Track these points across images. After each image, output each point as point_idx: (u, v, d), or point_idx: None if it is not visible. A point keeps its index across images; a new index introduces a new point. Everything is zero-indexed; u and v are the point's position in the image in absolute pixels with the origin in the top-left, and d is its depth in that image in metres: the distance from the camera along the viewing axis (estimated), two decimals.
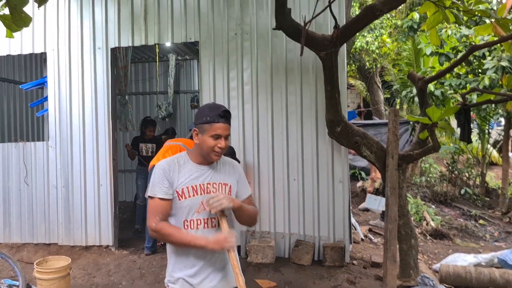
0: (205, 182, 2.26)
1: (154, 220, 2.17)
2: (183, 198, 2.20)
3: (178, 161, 2.27)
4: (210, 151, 2.20)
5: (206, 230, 2.23)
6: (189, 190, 2.21)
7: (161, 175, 2.21)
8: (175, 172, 2.22)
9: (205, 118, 2.21)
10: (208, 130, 2.19)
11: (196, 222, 2.22)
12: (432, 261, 6.01)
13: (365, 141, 4.70)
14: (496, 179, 11.09)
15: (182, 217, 2.22)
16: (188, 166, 2.26)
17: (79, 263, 5.62)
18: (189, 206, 2.21)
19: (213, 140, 2.19)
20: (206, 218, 2.24)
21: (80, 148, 5.98)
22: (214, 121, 2.18)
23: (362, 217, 8.35)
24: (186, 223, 2.22)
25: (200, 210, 2.22)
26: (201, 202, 2.22)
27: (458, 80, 7.04)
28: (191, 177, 2.24)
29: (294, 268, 5.20)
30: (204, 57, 5.71)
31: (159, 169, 2.23)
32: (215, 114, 2.19)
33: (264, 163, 5.56)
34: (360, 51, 11.17)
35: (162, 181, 2.19)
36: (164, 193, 2.19)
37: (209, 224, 2.24)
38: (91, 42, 5.99)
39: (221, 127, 2.19)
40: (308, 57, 5.31)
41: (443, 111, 4.13)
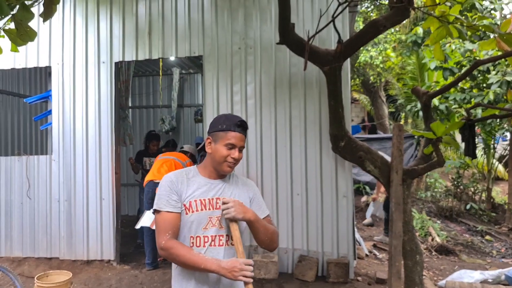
0: (215, 196, 2.12)
1: (164, 238, 2.00)
2: (190, 212, 2.06)
3: (187, 174, 2.15)
4: (223, 161, 2.09)
5: (213, 248, 2.08)
6: (197, 204, 2.07)
7: (168, 188, 2.07)
8: (183, 184, 2.09)
9: (221, 126, 2.11)
10: (222, 138, 2.08)
11: (203, 239, 2.07)
12: (437, 277, 5.92)
13: (369, 156, 4.65)
14: (502, 194, 11.00)
15: (188, 233, 2.07)
16: (197, 179, 2.14)
17: (81, 278, 5.57)
18: (196, 221, 2.06)
19: (226, 150, 2.07)
20: (214, 235, 2.09)
21: (83, 162, 5.98)
22: (230, 129, 2.08)
23: (367, 232, 8.27)
24: (192, 239, 2.07)
25: (209, 227, 2.08)
26: (209, 218, 2.08)
27: (463, 95, 7.01)
28: (200, 191, 2.10)
29: (297, 284, 5.13)
30: (208, 71, 5.72)
31: (166, 181, 2.10)
32: (231, 123, 2.10)
33: (267, 177, 5.52)
34: (364, 65, 11.18)
35: (170, 194, 2.06)
36: (173, 206, 2.05)
37: (216, 241, 2.09)
38: (95, 56, 6.03)
39: (237, 136, 2.08)
40: (311, 72, 5.31)
41: (447, 126, 4.08)
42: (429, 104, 4.83)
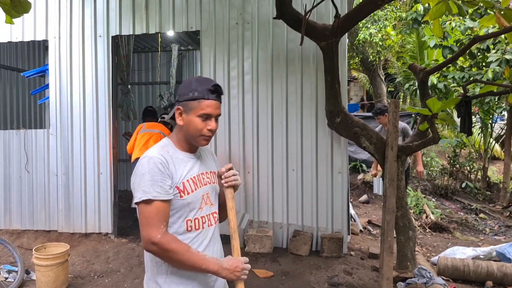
0: (200, 172, 1.90)
1: (159, 231, 1.71)
2: (186, 194, 1.80)
3: (168, 151, 1.83)
4: (198, 134, 1.81)
5: (209, 228, 1.90)
6: (190, 184, 1.82)
7: (161, 171, 1.74)
8: (171, 164, 1.79)
9: (192, 93, 1.79)
10: (195, 108, 1.78)
11: (201, 220, 1.86)
12: (431, 253, 6.01)
13: (365, 132, 4.68)
14: (498, 173, 11.06)
15: (184, 217, 1.82)
16: (179, 155, 1.86)
17: (78, 250, 5.65)
18: (192, 203, 1.83)
19: (201, 121, 1.79)
20: (208, 214, 1.90)
21: (81, 136, 5.99)
22: (203, 97, 1.78)
23: (362, 209, 8.35)
24: (189, 223, 1.83)
25: (203, 206, 1.87)
26: (202, 196, 1.86)
27: (462, 73, 6.99)
28: (186, 168, 1.84)
29: (291, 258, 5.21)
30: (205, 46, 5.69)
31: (154, 163, 1.75)
32: (204, 88, 1.79)
33: (263, 153, 5.55)
34: (364, 43, 11.10)
35: (163, 179, 1.74)
36: (167, 193, 1.75)
37: (212, 220, 1.92)
38: (92, 30, 5.98)
39: (212, 104, 1.79)
40: (309, 47, 5.29)
41: (443, 103, 4.10)
42: (426, 81, 4.84)
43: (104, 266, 5.25)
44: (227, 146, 5.63)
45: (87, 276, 5.01)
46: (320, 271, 4.86)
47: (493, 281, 4.81)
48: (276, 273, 4.82)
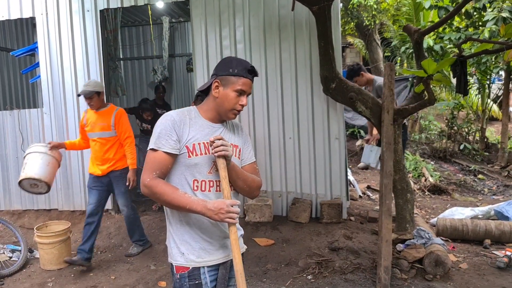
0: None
1: (149, 175, 1.91)
2: (194, 155, 1.96)
3: (189, 114, 2.03)
4: (230, 108, 1.99)
5: (219, 193, 1.99)
6: (201, 147, 1.97)
7: (170, 127, 1.94)
8: (186, 126, 1.97)
9: (232, 70, 1.97)
10: (233, 83, 1.97)
11: (208, 183, 1.99)
12: (430, 215, 6.07)
13: (360, 97, 4.63)
14: (496, 134, 11.07)
15: (191, 176, 1.98)
16: (199, 121, 2.03)
17: (80, 227, 5.66)
18: (199, 165, 1.97)
19: (236, 96, 1.97)
20: (218, 180, 1.99)
21: (75, 114, 5.94)
22: (242, 75, 1.97)
23: (361, 175, 8.38)
24: (196, 183, 1.98)
25: (213, 171, 1.99)
26: (213, 162, 1.98)
27: (458, 34, 6.85)
28: (202, 133, 2.00)
29: (291, 225, 5.25)
30: (195, 16, 5.57)
31: (167, 120, 1.96)
32: (244, 67, 1.99)
33: (259, 122, 5.52)
34: (358, 7, 10.89)
35: (170, 133, 1.93)
36: (171, 147, 1.93)
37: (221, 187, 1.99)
38: (79, 4, 5.85)
39: (248, 83, 1.99)
40: (301, 13, 5.19)
41: (438, 63, 4.04)
42: (421, 42, 4.75)
43: (106, 242, 5.30)
44: None
45: None
46: (321, 236, 4.90)
47: (491, 239, 4.87)
48: (277, 241, 4.87)
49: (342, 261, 4.30)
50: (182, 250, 2.01)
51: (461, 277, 4.03)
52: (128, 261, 4.75)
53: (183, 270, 2.01)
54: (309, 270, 4.21)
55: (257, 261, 4.48)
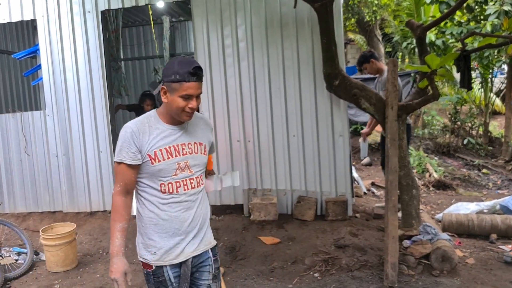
0: (179, 142, 2.11)
1: (116, 188, 2.08)
2: (157, 162, 2.05)
3: (148, 122, 2.09)
4: (180, 111, 2.02)
5: (188, 192, 2.13)
6: (163, 153, 2.05)
7: (129, 139, 2.03)
8: (145, 134, 2.05)
9: (174, 76, 1.97)
10: (177, 89, 1.98)
11: (174, 185, 2.09)
12: (435, 211, 6.05)
13: (364, 93, 4.62)
14: (499, 128, 11.05)
15: (158, 180, 2.08)
16: (159, 126, 2.09)
17: (85, 229, 5.69)
18: (164, 170, 2.06)
19: (183, 101, 1.99)
20: (185, 179, 2.11)
21: (78, 115, 5.94)
22: (184, 80, 1.96)
23: (365, 172, 8.37)
24: (163, 186, 2.08)
25: (178, 172, 2.09)
26: (177, 164, 2.08)
27: (460, 28, 6.83)
28: (164, 139, 2.07)
29: (297, 224, 5.24)
30: (196, 15, 5.56)
31: (126, 132, 2.04)
32: (185, 71, 1.96)
33: (263, 121, 5.51)
34: (359, 3, 10.87)
35: (130, 146, 2.02)
36: (131, 159, 2.03)
37: (189, 185, 2.13)
38: (80, 5, 5.84)
39: (192, 86, 1.98)
40: (303, 10, 5.17)
41: (442, 58, 4.02)
42: (424, 37, 4.75)
43: None
44: (226, 116, 5.58)
45: (96, 254, 5.06)
46: (326, 234, 4.89)
47: (497, 233, 4.85)
48: (282, 239, 4.86)
49: (349, 258, 4.29)
50: (148, 249, 2.15)
51: (468, 272, 4.02)
52: (134, 262, 4.74)
53: (148, 268, 2.16)
54: (316, 268, 4.20)
55: (263, 259, 4.47)
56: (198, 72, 2.00)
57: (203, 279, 2.24)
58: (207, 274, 2.24)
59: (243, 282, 4.03)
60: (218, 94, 5.57)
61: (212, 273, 2.26)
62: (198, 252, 2.19)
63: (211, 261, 2.26)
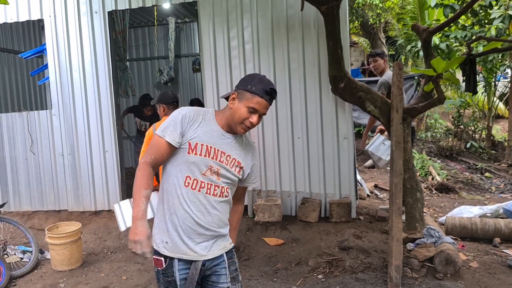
0: (221, 149, 2.11)
1: (145, 157, 2.07)
2: (193, 153, 2.06)
3: (204, 115, 2.12)
4: (240, 122, 2.05)
5: (209, 196, 2.10)
6: (202, 149, 2.06)
7: (179, 120, 2.06)
8: (195, 123, 2.08)
9: (251, 87, 2.04)
10: (248, 99, 2.03)
11: (199, 184, 2.08)
12: (438, 214, 6.07)
13: (369, 96, 4.64)
14: (502, 131, 11.05)
15: (186, 172, 2.07)
16: (212, 125, 2.12)
17: (90, 228, 5.73)
18: (196, 164, 2.06)
19: (247, 112, 2.03)
20: (210, 183, 2.09)
21: (84, 115, 5.98)
22: (258, 94, 2.02)
23: (368, 174, 8.39)
24: (188, 179, 2.07)
25: (207, 173, 2.08)
26: (210, 166, 2.08)
27: (464, 32, 6.85)
28: (210, 137, 2.09)
29: (301, 225, 5.27)
30: (203, 17, 5.59)
31: (180, 113, 2.08)
32: (262, 87, 2.03)
33: (268, 122, 5.53)
34: (363, 6, 10.90)
35: (176, 126, 2.05)
36: (173, 139, 2.04)
37: (212, 191, 2.10)
38: (87, 6, 5.88)
39: (262, 103, 2.03)
40: (309, 13, 5.20)
41: (448, 62, 4.04)
42: (430, 40, 4.77)
43: (117, 242, 5.33)
44: None
45: (101, 253, 5.09)
46: (330, 236, 4.92)
47: (500, 237, 4.87)
48: (286, 241, 4.89)
49: (353, 260, 4.31)
50: (162, 238, 2.13)
51: (471, 276, 4.04)
52: (139, 262, 4.77)
53: (159, 266, 2.15)
54: (320, 270, 4.22)
55: (267, 260, 4.49)
56: (273, 94, 2.06)
57: (221, 282, 2.22)
58: (224, 277, 2.23)
59: (247, 283, 4.05)
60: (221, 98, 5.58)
61: (229, 276, 2.24)
62: (210, 256, 2.17)
63: (226, 264, 2.24)
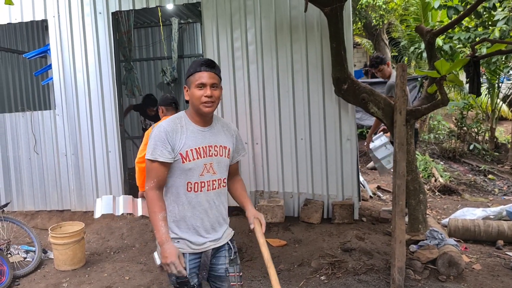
0: (207, 144, 2.25)
1: (149, 183, 2.18)
2: (187, 161, 2.18)
3: (180, 122, 2.23)
4: (198, 102, 2.16)
5: (210, 192, 2.26)
6: (193, 153, 2.19)
7: (164, 138, 2.16)
8: (178, 134, 2.18)
9: (189, 70, 2.21)
10: (192, 81, 2.17)
11: (200, 184, 2.23)
12: (441, 216, 6.06)
13: (372, 98, 4.64)
14: (505, 133, 11.02)
15: (186, 179, 2.21)
16: (189, 127, 2.23)
17: (93, 228, 5.74)
18: (193, 169, 2.20)
19: (198, 90, 2.15)
20: (209, 180, 2.25)
21: (87, 115, 6.00)
22: (196, 71, 2.16)
23: (371, 175, 8.38)
24: (189, 185, 2.22)
25: (204, 173, 2.23)
26: (204, 165, 2.22)
27: (467, 34, 6.83)
28: (194, 140, 2.21)
29: (303, 226, 5.27)
30: (206, 18, 5.60)
31: (161, 132, 2.18)
32: (197, 64, 2.18)
33: (271, 123, 5.54)
34: (366, 7, 10.89)
35: (165, 144, 2.15)
36: (165, 157, 2.15)
37: (211, 186, 2.26)
38: (91, 7, 5.90)
39: (204, 75, 2.15)
40: (312, 14, 5.20)
41: (452, 64, 4.04)
42: (433, 42, 4.77)
43: (119, 242, 5.34)
44: (234, 118, 5.61)
45: (104, 253, 5.10)
46: (333, 237, 4.91)
47: (504, 240, 4.86)
48: (289, 242, 4.89)
49: (355, 262, 4.31)
50: (171, 235, 2.21)
51: (474, 278, 4.03)
52: (142, 262, 4.78)
53: None
54: (322, 271, 4.22)
55: None
56: (209, 63, 2.18)
57: (220, 263, 2.36)
58: (223, 259, 2.36)
59: (249, 284, 4.05)
60: (227, 97, 5.60)
61: (228, 258, 2.38)
62: (218, 244, 2.34)
63: (226, 247, 2.39)
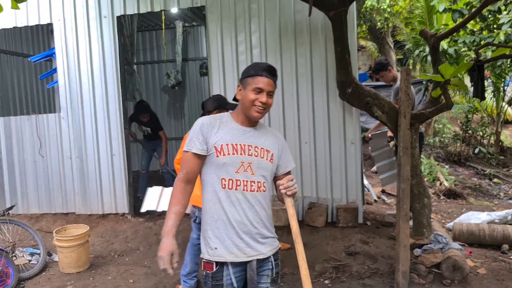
0: (247, 143, 2.17)
1: (179, 174, 2.18)
2: (221, 155, 2.12)
3: (221, 119, 2.21)
4: (251, 105, 2.12)
5: (246, 193, 2.14)
6: (229, 148, 2.13)
7: (198, 130, 2.15)
8: (214, 128, 2.16)
9: (249, 71, 2.17)
10: (250, 84, 2.13)
11: (235, 182, 2.13)
12: (445, 220, 6.03)
13: (377, 102, 4.63)
14: (511, 137, 10.97)
15: (220, 174, 2.14)
16: (230, 124, 2.20)
17: (97, 231, 5.75)
18: (227, 164, 2.12)
19: (254, 94, 2.11)
20: (246, 180, 2.14)
21: (92, 118, 6.02)
22: (257, 74, 2.13)
23: (375, 179, 8.35)
24: (224, 181, 2.13)
25: (240, 171, 2.13)
26: (241, 163, 2.14)
27: (472, 37, 6.79)
28: (232, 135, 2.16)
29: (308, 230, 5.26)
30: (211, 21, 5.62)
31: (197, 124, 2.18)
32: (259, 68, 2.16)
33: (275, 127, 5.52)
34: (371, 10, 10.88)
35: (198, 136, 2.14)
36: (198, 148, 2.13)
37: (248, 187, 2.14)
38: (96, 11, 5.94)
39: (264, 81, 2.12)
40: (317, 18, 5.21)
41: (456, 68, 4.03)
42: (438, 46, 4.76)
43: (124, 245, 5.35)
44: None
45: (108, 256, 5.12)
46: (337, 241, 4.90)
47: (509, 244, 4.84)
48: (293, 245, 4.86)
49: (359, 265, 4.30)
50: (209, 244, 2.16)
51: (479, 283, 4.01)
52: (146, 265, 4.79)
53: (208, 269, 2.17)
54: (326, 275, 4.21)
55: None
56: (271, 70, 2.17)
57: (262, 282, 2.22)
58: (266, 278, 2.23)
59: None
60: (231, 100, 5.59)
61: (271, 277, 2.24)
62: (262, 256, 2.20)
63: (272, 265, 2.25)
